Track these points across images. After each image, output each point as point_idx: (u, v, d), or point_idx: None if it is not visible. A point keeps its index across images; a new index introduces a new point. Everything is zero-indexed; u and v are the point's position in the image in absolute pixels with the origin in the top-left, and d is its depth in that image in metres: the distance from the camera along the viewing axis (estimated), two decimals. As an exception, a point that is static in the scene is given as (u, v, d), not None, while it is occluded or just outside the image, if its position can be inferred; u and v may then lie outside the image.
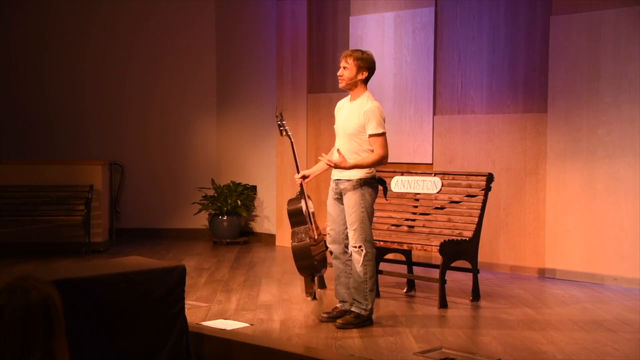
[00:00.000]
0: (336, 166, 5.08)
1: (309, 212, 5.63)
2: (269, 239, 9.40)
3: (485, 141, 7.53)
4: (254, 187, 9.63)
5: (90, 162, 9.03)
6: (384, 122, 5.17)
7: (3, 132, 9.73)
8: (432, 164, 7.83)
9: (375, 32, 8.24)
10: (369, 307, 5.21)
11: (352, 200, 5.16)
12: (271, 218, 9.49)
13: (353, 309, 5.23)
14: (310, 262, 5.56)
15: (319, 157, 5.20)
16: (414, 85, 7.97)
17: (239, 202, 9.38)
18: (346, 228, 5.27)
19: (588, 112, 6.93)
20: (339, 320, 5.19)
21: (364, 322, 5.19)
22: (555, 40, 7.07)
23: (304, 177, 5.52)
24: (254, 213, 9.67)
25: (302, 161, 8.88)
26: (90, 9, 9.90)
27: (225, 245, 9.23)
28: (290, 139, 5.68)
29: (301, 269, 5.66)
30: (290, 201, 5.67)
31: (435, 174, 6.53)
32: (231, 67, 9.80)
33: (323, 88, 8.77)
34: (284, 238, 9.09)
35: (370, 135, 5.11)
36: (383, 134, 5.12)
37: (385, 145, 5.12)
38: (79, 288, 3.89)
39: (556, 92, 7.09)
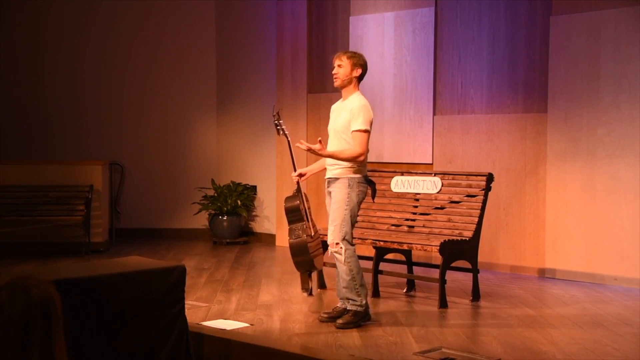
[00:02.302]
0: (313, 151, 5.09)
1: (305, 209, 5.63)
2: (269, 239, 9.40)
3: (485, 141, 7.53)
4: (254, 187, 9.63)
5: (90, 162, 9.03)
6: (371, 122, 5.18)
7: (3, 132, 9.73)
8: (432, 164, 7.83)
9: (375, 32, 8.24)
10: (363, 302, 5.23)
11: (337, 197, 5.19)
12: (271, 218, 9.49)
13: (349, 307, 5.24)
14: (307, 258, 5.54)
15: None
16: (414, 85, 7.97)
17: (239, 202, 9.38)
18: None
19: (588, 112, 6.93)
20: (339, 321, 5.19)
21: (362, 318, 5.21)
22: (555, 40, 7.07)
23: (300, 175, 5.54)
24: (254, 213, 9.67)
25: (302, 161, 8.88)
26: (90, 9, 9.90)
27: (225, 245, 9.23)
28: (287, 138, 5.68)
29: (298, 265, 5.64)
30: (287, 199, 5.67)
31: (435, 174, 6.53)
32: (231, 67, 9.80)
33: (323, 88, 8.77)
34: (284, 238, 9.08)
35: (353, 131, 5.13)
36: (366, 132, 5.13)
37: (364, 144, 5.12)
38: (79, 288, 3.89)
39: (556, 92, 7.09)
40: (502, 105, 7.46)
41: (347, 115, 5.17)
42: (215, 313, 5.57)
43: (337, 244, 5.18)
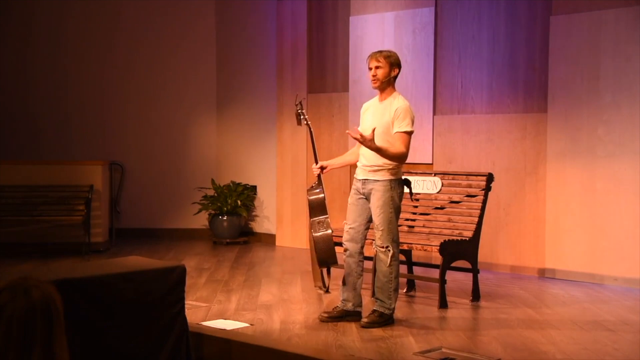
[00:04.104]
0: (363, 139, 4.88)
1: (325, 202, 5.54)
2: (269, 239, 9.39)
3: (485, 141, 7.53)
4: (254, 187, 9.63)
5: (90, 162, 9.02)
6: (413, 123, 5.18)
7: (3, 132, 9.73)
8: (432, 164, 7.83)
9: (375, 32, 8.24)
10: (392, 306, 5.24)
11: (381, 201, 5.14)
12: (271, 218, 9.49)
13: (376, 308, 5.24)
14: (331, 253, 5.43)
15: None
16: (414, 85, 7.96)
17: (239, 202, 9.38)
18: (366, 228, 5.29)
19: (588, 111, 6.93)
20: (364, 320, 5.20)
21: (386, 321, 5.21)
22: (555, 40, 7.07)
23: (322, 168, 5.48)
24: (254, 213, 9.67)
25: (303, 161, 8.89)
26: (93, 9, 9.88)
27: (225, 245, 9.22)
28: (310, 128, 5.62)
29: (322, 260, 5.49)
30: (311, 192, 5.51)
31: (435, 174, 6.53)
32: (231, 67, 9.80)
33: (323, 88, 8.77)
34: (284, 238, 9.09)
35: (397, 132, 5.09)
36: (410, 133, 5.12)
37: (408, 145, 5.11)
38: (79, 288, 3.89)
39: (556, 91, 7.09)
40: (502, 105, 7.46)
41: (391, 116, 5.13)
42: (215, 313, 5.57)
43: (387, 247, 5.17)
